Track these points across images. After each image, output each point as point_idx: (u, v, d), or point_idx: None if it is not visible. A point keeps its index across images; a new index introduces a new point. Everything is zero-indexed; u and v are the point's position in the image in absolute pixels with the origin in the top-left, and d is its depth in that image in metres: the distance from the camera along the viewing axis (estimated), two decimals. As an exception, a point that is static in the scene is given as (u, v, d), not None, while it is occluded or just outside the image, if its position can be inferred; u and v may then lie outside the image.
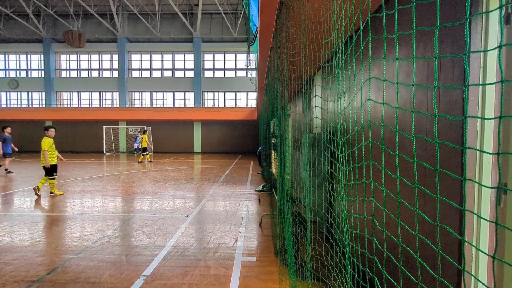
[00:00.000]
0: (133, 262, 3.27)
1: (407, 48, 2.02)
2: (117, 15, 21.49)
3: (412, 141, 1.85)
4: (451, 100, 1.60)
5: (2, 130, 10.64)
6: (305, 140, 3.99)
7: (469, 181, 1.51)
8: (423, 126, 1.85)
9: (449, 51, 1.63)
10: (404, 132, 2.02)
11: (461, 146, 1.27)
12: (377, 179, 2.24)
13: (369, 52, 0.82)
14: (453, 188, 1.57)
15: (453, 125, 1.58)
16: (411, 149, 1.92)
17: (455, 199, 1.54)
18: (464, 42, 1.53)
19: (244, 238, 4.08)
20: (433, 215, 1.68)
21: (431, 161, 1.74)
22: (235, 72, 23.14)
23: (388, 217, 1.99)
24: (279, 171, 3.64)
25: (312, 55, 2.54)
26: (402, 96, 2.11)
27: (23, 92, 23.68)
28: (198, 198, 6.65)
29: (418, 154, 1.83)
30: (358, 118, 2.34)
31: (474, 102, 1.49)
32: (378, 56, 2.16)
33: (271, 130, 8.52)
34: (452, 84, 1.61)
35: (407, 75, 2.03)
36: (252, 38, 8.74)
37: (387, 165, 2.06)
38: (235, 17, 21.86)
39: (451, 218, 1.57)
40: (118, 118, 21.71)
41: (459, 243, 1.52)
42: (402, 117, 2.09)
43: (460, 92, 1.54)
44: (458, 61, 1.57)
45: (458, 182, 1.54)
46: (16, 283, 2.79)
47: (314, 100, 4.57)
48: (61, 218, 5.06)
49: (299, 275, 2.77)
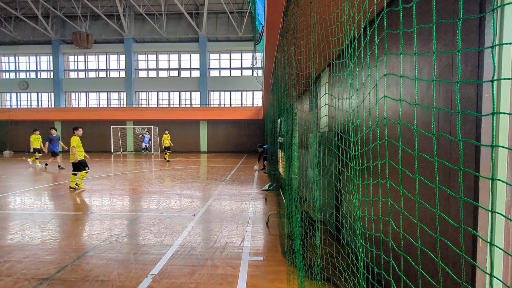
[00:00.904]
0: (141, 261, 3.29)
1: (421, 44, 1.96)
2: (123, 16, 21.70)
3: (432, 139, 1.80)
4: (465, 97, 1.55)
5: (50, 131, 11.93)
6: (313, 139, 3.95)
7: (482, 181, 1.46)
8: (430, 124, 1.80)
9: (462, 45, 1.59)
10: (414, 130, 1.97)
11: (480, 143, 1.23)
12: (393, 179, 2.18)
13: (385, 47, 0.79)
14: (469, 187, 1.52)
15: (467, 123, 1.53)
16: (429, 148, 1.88)
17: (470, 198, 1.49)
18: (477, 36, 1.48)
19: (251, 237, 4.07)
20: (455, 217, 1.64)
21: (446, 160, 1.70)
22: (241, 72, 23.15)
23: (406, 218, 1.93)
24: (286, 170, 3.61)
25: (321, 52, 2.50)
26: (412, 93, 2.06)
27: (32, 93, 24.11)
28: (204, 197, 6.67)
29: (434, 153, 1.79)
30: (373, 115, 2.28)
31: (489, 99, 1.44)
32: (394, 51, 2.07)
33: (278, 129, 8.49)
34: (465, 80, 1.56)
35: (419, 71, 1.98)
36: (258, 37, 8.72)
37: (404, 165, 2.01)
38: (241, 16, 21.85)
39: (468, 219, 1.52)
40: (126, 118, 21.94)
41: (474, 244, 1.47)
42: (412, 114, 2.05)
43: (474, 89, 1.50)
44: (472, 57, 1.52)
45: (472, 180, 1.49)
46: (27, 280, 2.83)
47: (324, 98, 4.51)
48: (70, 216, 5.13)
49: (308, 275, 2.74)
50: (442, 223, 1.72)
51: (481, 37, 1.47)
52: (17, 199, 6.47)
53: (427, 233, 1.81)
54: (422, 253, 1.80)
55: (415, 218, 1.72)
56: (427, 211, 1.82)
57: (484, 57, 1.45)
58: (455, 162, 1.61)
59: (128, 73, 22.95)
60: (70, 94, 24.21)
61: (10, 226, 4.59)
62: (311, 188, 4.31)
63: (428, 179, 1.80)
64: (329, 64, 3.70)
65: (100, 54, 23.73)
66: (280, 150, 8.01)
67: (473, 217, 1.49)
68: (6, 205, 5.92)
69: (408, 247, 2.03)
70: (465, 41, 1.57)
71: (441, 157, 1.71)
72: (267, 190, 7.27)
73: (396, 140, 2.06)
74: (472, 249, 1.48)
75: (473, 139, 1.48)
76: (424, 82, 1.94)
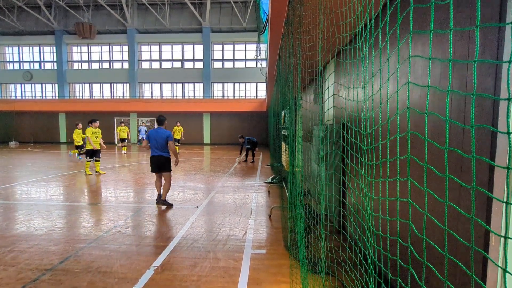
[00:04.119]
0: (143, 253, 3.29)
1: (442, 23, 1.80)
2: (126, 6, 21.44)
3: (469, 132, 1.66)
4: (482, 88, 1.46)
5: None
6: (319, 131, 3.86)
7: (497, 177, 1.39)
8: (459, 116, 1.70)
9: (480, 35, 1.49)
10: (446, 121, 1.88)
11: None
12: (414, 176, 2.02)
13: (410, 25, 0.71)
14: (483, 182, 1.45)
15: (483, 112, 1.45)
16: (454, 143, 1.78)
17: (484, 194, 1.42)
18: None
19: (253, 230, 4.05)
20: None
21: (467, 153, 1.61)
22: (244, 63, 22.88)
23: (429, 221, 1.77)
24: (290, 164, 3.55)
25: (330, 38, 2.38)
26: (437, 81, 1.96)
27: (37, 84, 24.14)
28: (207, 190, 6.66)
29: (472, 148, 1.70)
30: (391, 105, 2.12)
31: (505, 91, 1.35)
32: (423, 30, 1.86)
33: (282, 121, 8.39)
34: (482, 74, 1.47)
35: (443, 54, 1.80)
36: (262, 27, 8.54)
37: (429, 160, 1.84)
38: (245, 6, 21.47)
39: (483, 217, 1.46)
40: (129, 110, 21.93)
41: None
42: (441, 102, 1.95)
43: (492, 82, 1.41)
44: (488, 46, 1.42)
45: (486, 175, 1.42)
46: (31, 271, 2.84)
47: (331, 88, 4.35)
48: (74, 207, 5.15)
49: (311, 269, 2.71)
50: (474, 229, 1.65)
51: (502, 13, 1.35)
52: (23, 189, 6.52)
53: (452, 237, 1.65)
54: (450, 262, 1.63)
55: (441, 221, 1.56)
56: (453, 211, 1.65)
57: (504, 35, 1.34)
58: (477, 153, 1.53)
59: (131, 64, 22.83)
60: (74, 86, 24.21)
61: (15, 216, 4.62)
62: (316, 182, 4.25)
63: (458, 177, 1.63)
64: (338, 51, 3.55)
65: (103, 45, 23.58)
66: (284, 143, 7.94)
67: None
68: (13, 195, 5.97)
69: (429, 251, 1.90)
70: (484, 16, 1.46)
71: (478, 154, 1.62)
72: (270, 182, 7.24)
73: (421, 134, 1.92)
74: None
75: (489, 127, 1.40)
76: (453, 65, 1.84)
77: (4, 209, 4.99)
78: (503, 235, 1.39)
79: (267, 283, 2.67)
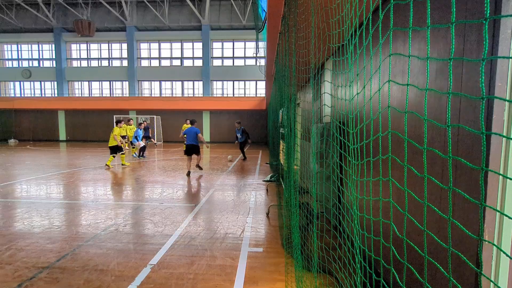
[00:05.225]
0: (140, 251, 3.29)
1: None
2: (125, 3, 21.34)
3: (442, 132, 1.70)
4: (475, 86, 1.46)
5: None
6: (315, 130, 3.86)
7: (490, 176, 1.39)
8: (440, 114, 1.71)
9: (475, 29, 1.48)
10: (423, 121, 1.88)
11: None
12: (396, 176, 2.07)
13: (391, 21, 0.70)
14: (473, 182, 1.45)
15: (477, 113, 1.44)
16: (436, 142, 1.79)
17: (476, 195, 1.42)
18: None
19: (251, 228, 4.05)
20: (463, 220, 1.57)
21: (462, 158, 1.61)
22: (244, 61, 22.82)
23: (410, 222, 1.84)
24: (286, 162, 3.55)
25: (321, 36, 2.38)
26: (419, 81, 1.96)
27: (35, 81, 24.08)
28: (206, 188, 6.66)
29: (449, 148, 1.70)
30: (374, 104, 2.16)
31: (502, 88, 1.35)
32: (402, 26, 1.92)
33: (280, 119, 8.38)
34: (476, 70, 1.46)
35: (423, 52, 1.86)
36: (260, 25, 8.50)
37: (410, 161, 1.89)
38: (244, 4, 21.37)
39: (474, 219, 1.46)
40: (128, 108, 21.88)
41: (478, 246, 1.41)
42: (419, 103, 1.95)
43: (487, 80, 1.40)
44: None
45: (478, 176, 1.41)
46: (27, 269, 2.85)
47: (324, 85, 4.37)
48: (72, 205, 5.16)
49: (306, 266, 2.72)
50: (456, 232, 1.65)
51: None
52: (23, 187, 6.52)
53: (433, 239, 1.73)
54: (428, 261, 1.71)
55: (421, 222, 1.63)
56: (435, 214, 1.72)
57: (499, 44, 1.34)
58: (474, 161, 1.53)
59: (131, 62, 22.76)
60: (73, 83, 24.14)
61: (13, 214, 4.62)
62: (312, 180, 4.25)
63: (438, 178, 1.69)
64: (331, 48, 3.55)
65: (102, 43, 23.49)
66: (282, 141, 7.93)
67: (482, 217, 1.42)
68: (11, 193, 5.97)
69: (413, 252, 1.95)
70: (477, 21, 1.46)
71: (454, 154, 1.63)
72: (269, 180, 7.23)
73: (401, 133, 1.96)
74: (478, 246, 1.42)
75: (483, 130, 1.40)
76: (433, 65, 1.84)
77: (3, 207, 5.00)
78: (497, 233, 1.39)
79: (264, 281, 2.68)
